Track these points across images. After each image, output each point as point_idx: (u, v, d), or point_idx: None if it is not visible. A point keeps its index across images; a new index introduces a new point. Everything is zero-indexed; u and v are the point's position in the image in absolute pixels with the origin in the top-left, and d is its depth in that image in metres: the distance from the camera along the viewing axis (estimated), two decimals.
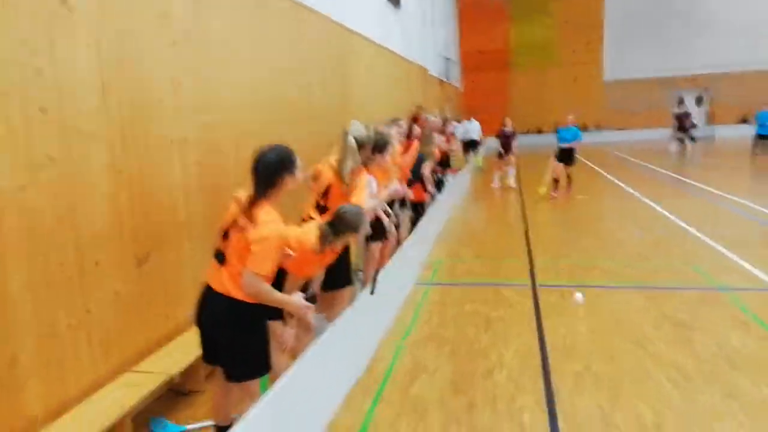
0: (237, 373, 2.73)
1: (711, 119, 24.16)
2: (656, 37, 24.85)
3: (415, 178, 6.77)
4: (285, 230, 2.68)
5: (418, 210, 7.18)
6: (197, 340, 2.88)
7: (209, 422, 3.36)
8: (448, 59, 21.02)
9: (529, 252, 6.88)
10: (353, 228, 3.07)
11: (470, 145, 16.13)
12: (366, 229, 3.21)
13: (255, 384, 2.78)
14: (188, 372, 3.59)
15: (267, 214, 2.61)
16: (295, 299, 2.81)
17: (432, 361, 4.06)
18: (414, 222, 7.04)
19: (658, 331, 4.36)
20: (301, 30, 6.68)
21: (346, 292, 3.99)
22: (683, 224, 7.98)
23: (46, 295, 2.93)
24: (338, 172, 3.86)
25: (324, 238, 3.00)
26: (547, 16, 26.11)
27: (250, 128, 5.24)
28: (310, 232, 3.01)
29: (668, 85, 25.12)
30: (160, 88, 3.97)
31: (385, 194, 4.68)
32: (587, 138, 25.30)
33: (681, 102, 18.12)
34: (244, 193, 2.79)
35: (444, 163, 9.34)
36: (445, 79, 20.07)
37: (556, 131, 11.03)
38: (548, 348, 4.18)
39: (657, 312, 4.73)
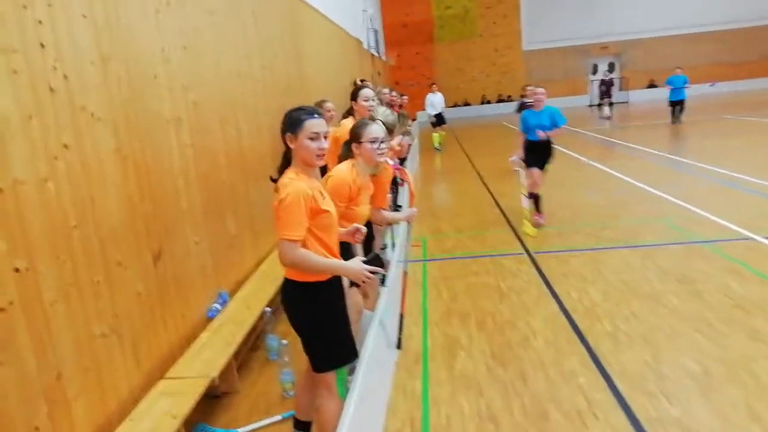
0: (312, 363, 2.51)
1: (624, 85, 25.61)
2: (570, 5, 25.86)
3: None
4: (302, 188, 2.33)
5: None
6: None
7: (257, 424, 3.13)
8: (376, 32, 20.74)
9: (509, 222, 6.97)
10: (355, 136, 3.18)
11: (440, 121, 14.73)
12: (373, 136, 3.17)
13: (331, 376, 2.56)
14: (221, 373, 3.29)
15: (286, 177, 2.39)
16: (351, 264, 2.48)
17: (463, 336, 4.00)
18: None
19: (665, 286, 4.55)
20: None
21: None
22: (637, 183, 8.40)
23: (78, 302, 2.55)
24: None
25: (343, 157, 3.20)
26: None
27: (230, 105, 4.86)
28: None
29: (583, 54, 26.34)
30: (153, 62, 3.56)
31: None
32: (512, 108, 26.30)
33: (609, 69, 18.67)
34: None
35: None
36: (375, 53, 19.82)
37: (523, 118, 6.67)
38: (570, 312, 4.25)
39: (656, 268, 4.94)
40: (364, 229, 2.71)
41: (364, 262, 2.53)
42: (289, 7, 7.54)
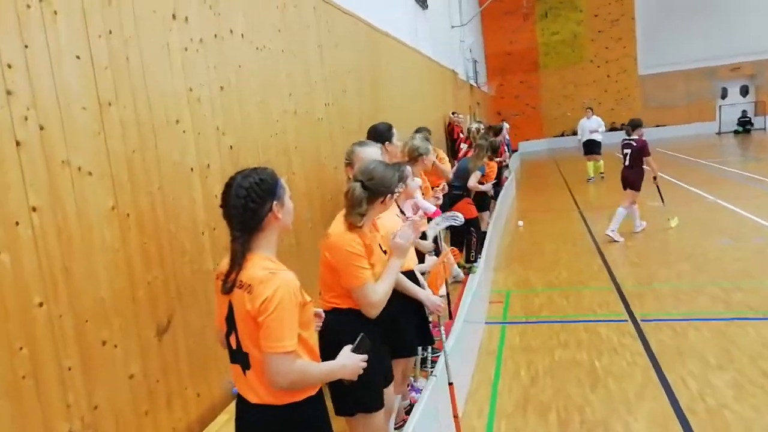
0: None
1: (761, 110, 22.58)
2: (693, 25, 23.46)
3: (462, 192, 6.03)
4: (292, 280, 1.78)
5: (469, 230, 6.23)
6: None
7: None
8: (475, 62, 20.11)
9: (612, 276, 5.89)
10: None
11: (591, 148, 13.18)
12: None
13: None
14: None
15: (260, 267, 1.77)
16: (345, 360, 1.89)
17: None
18: (467, 244, 6.17)
19: None
20: (332, 31, 5.88)
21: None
22: None
23: (32, 398, 2.11)
24: None
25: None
26: (575, 12, 25.02)
27: (280, 148, 4.42)
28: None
29: (709, 76, 23.72)
30: (176, 104, 3.17)
31: None
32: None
33: (742, 93, 15.34)
34: (226, 261, 1.96)
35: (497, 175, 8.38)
36: (474, 83, 19.16)
37: None
38: (685, 412, 3.22)
39: None
40: (322, 314, 2.10)
41: (354, 350, 1.93)
42: (366, 40, 7.14)
